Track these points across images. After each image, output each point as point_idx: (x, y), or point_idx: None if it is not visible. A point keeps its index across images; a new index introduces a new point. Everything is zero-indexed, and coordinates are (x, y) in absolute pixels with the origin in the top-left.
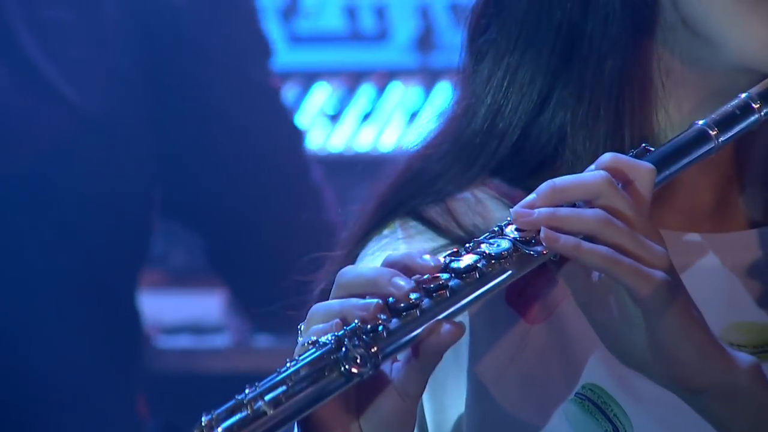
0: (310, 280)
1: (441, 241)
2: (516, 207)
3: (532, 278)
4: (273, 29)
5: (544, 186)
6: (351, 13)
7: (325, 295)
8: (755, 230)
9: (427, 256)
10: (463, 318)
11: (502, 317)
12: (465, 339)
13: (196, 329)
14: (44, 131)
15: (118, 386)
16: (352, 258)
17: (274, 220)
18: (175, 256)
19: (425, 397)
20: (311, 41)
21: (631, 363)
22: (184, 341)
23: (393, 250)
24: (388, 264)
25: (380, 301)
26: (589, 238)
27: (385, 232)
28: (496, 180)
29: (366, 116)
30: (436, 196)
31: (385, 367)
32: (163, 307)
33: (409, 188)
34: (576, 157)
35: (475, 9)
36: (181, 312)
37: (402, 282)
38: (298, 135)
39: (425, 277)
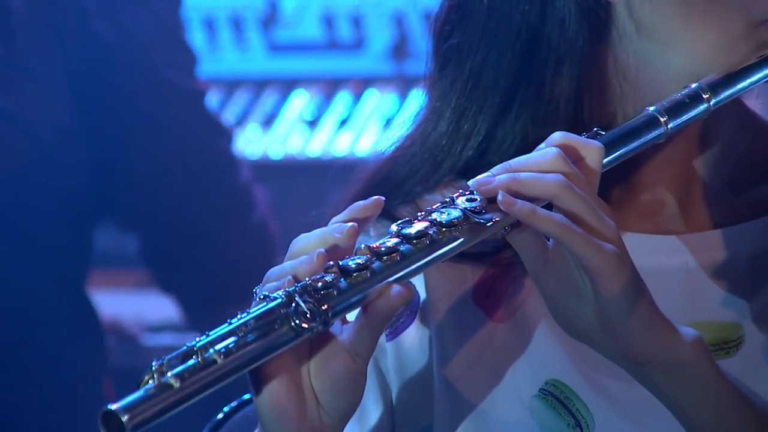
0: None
1: None
2: (472, 184)
3: (498, 278)
4: (253, 38)
5: (500, 165)
6: (328, 22)
7: None
8: (716, 231)
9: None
10: (431, 317)
11: (469, 316)
12: (434, 335)
13: (178, 327)
14: None
15: (81, 369)
16: None
17: (204, 220)
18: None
19: (393, 381)
20: (290, 49)
21: (577, 334)
22: (166, 339)
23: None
24: (336, 222)
25: (323, 251)
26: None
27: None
28: (463, 181)
29: (343, 122)
30: (406, 196)
31: (336, 328)
32: (146, 306)
33: (380, 189)
34: None
35: (438, 17)
36: (163, 311)
37: (346, 226)
38: (224, 137)
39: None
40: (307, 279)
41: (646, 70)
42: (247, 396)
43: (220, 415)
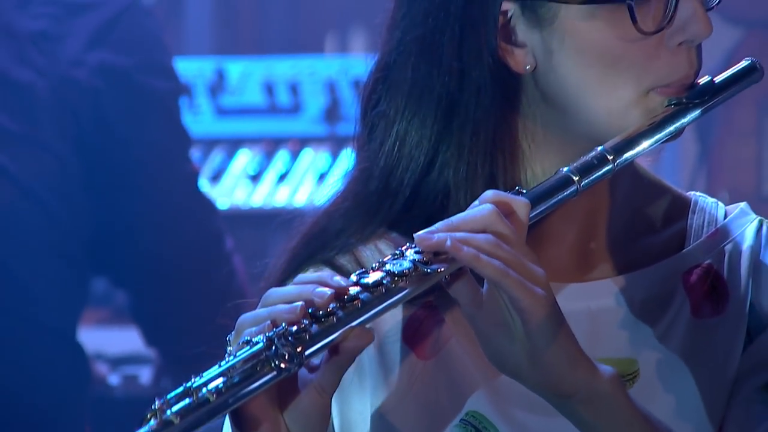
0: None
1: None
2: (416, 236)
3: (425, 320)
4: (202, 103)
5: (442, 223)
6: (269, 89)
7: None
8: (614, 278)
9: (338, 277)
10: (366, 352)
11: (398, 353)
12: (368, 369)
13: (136, 360)
14: None
15: (67, 418)
16: None
17: (187, 285)
18: (118, 296)
19: (334, 410)
20: (235, 113)
21: (508, 370)
22: (125, 370)
23: None
24: (305, 281)
25: (303, 304)
26: None
27: (300, 276)
28: (394, 233)
29: (282, 177)
30: (342, 248)
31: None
32: (107, 341)
33: (318, 241)
34: (459, 210)
35: (366, 86)
36: (122, 345)
37: (324, 290)
38: (213, 213)
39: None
40: (283, 324)
41: (551, 134)
42: None
43: None
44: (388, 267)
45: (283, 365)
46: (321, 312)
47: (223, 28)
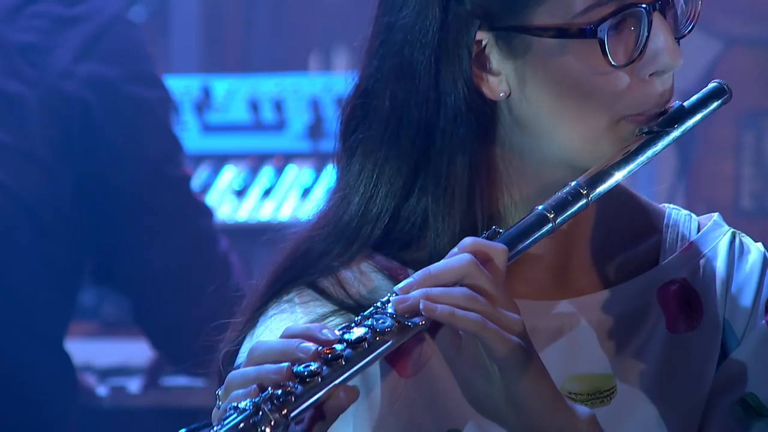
0: (218, 339)
1: (332, 307)
2: (396, 290)
3: (406, 340)
4: (189, 120)
5: (420, 273)
6: (254, 106)
7: (228, 357)
8: (591, 295)
9: (325, 330)
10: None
11: (380, 371)
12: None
13: (123, 371)
14: None
15: (55, 422)
16: (252, 323)
17: (187, 286)
18: (106, 309)
19: None
20: (221, 130)
21: (487, 413)
22: (113, 381)
23: (291, 314)
24: (291, 335)
25: (289, 365)
26: None
27: (285, 298)
28: (376, 255)
29: (267, 192)
30: (324, 270)
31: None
32: (95, 353)
33: (300, 264)
34: (437, 235)
35: (345, 111)
36: (110, 356)
37: (309, 346)
38: (207, 215)
39: (323, 348)
40: (269, 389)
41: (527, 159)
42: None
43: None
44: (370, 322)
45: (269, 430)
46: (306, 372)
47: (209, 46)
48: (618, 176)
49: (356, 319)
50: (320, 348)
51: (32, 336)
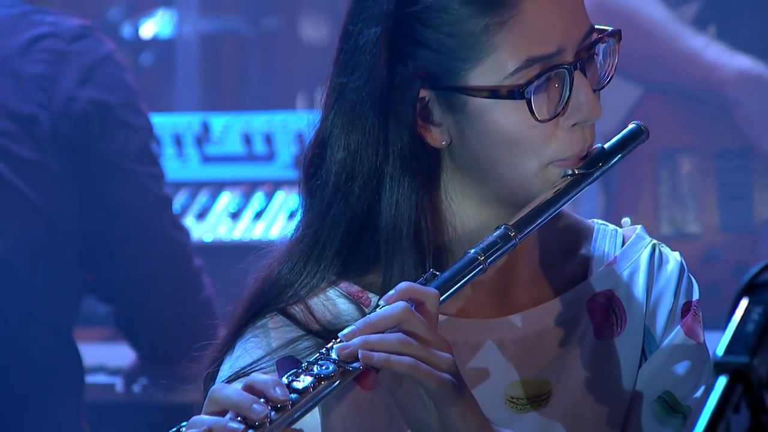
0: (196, 352)
1: (301, 332)
2: (341, 336)
3: None
4: (190, 151)
5: (361, 322)
6: (247, 139)
7: (209, 378)
8: (529, 310)
9: (278, 389)
10: None
11: (346, 386)
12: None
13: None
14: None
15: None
16: (230, 346)
17: (164, 296)
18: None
19: None
20: (218, 160)
21: None
22: (117, 380)
23: (265, 338)
24: (249, 387)
25: (242, 427)
26: None
27: (258, 323)
28: (341, 282)
29: (258, 214)
30: (293, 298)
31: None
32: (107, 355)
33: (271, 293)
34: (387, 269)
35: (305, 159)
36: (117, 359)
37: (259, 408)
38: (183, 232)
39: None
40: None
41: (469, 198)
42: None
43: None
44: (315, 370)
45: None
46: (258, 422)
47: (208, 87)
48: (545, 216)
49: (303, 365)
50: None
51: (44, 325)
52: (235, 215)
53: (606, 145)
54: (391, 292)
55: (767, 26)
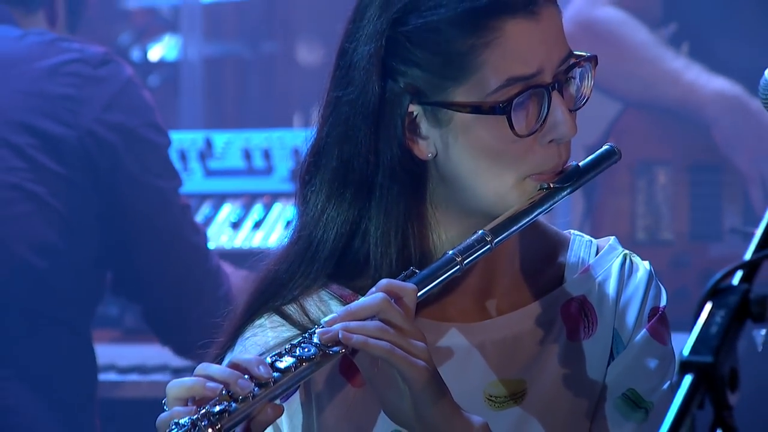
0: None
1: (296, 331)
2: (323, 323)
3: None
4: (194, 166)
5: (342, 310)
6: (247, 155)
7: (217, 359)
8: (507, 315)
9: (261, 367)
10: (312, 385)
11: (336, 383)
12: (314, 398)
13: (141, 370)
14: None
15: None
16: (231, 343)
17: (186, 292)
18: (127, 319)
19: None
20: (220, 174)
21: (399, 422)
22: (132, 377)
23: (263, 336)
24: (234, 365)
25: (221, 387)
26: None
27: (257, 323)
28: (332, 284)
29: (257, 224)
30: (288, 297)
31: None
32: (118, 355)
33: (268, 293)
34: (376, 270)
35: (301, 168)
36: (130, 358)
37: (244, 383)
38: (201, 235)
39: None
40: (206, 406)
41: (452, 208)
42: None
43: None
44: (298, 352)
45: None
46: (241, 396)
47: (211, 106)
48: (520, 224)
49: (286, 347)
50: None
51: (63, 324)
52: (236, 225)
53: (581, 163)
54: (373, 288)
55: (739, 48)
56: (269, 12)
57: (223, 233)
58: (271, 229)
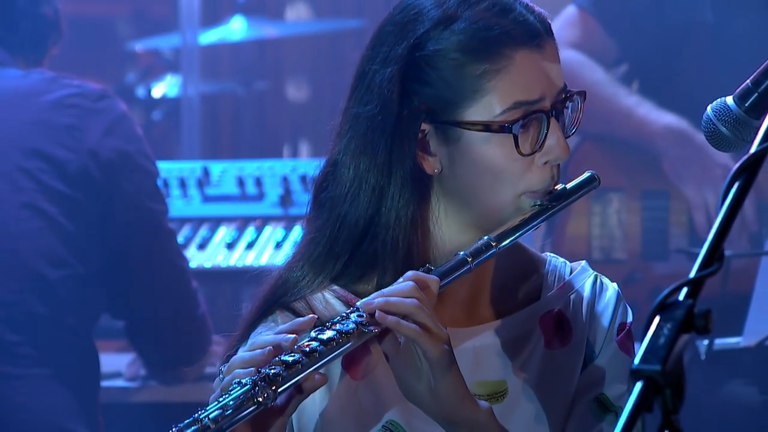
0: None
1: None
2: (359, 305)
3: (358, 351)
4: (193, 192)
5: (377, 293)
6: (241, 182)
7: (227, 360)
8: (493, 322)
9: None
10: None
11: (339, 376)
12: (319, 389)
13: (145, 376)
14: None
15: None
16: (246, 336)
17: (167, 313)
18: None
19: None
20: (216, 200)
21: (415, 401)
22: (133, 383)
23: (274, 331)
24: (282, 332)
25: (271, 349)
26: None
27: (269, 319)
28: (335, 286)
29: (250, 245)
30: (298, 296)
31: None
32: (121, 363)
33: (281, 290)
34: (383, 272)
35: (319, 175)
36: (131, 366)
37: (289, 337)
38: (185, 260)
39: (305, 342)
40: (262, 370)
41: (452, 220)
42: None
43: None
44: (338, 327)
45: (262, 400)
46: (291, 360)
47: (208, 139)
48: (518, 233)
49: (327, 324)
50: (302, 343)
51: (67, 328)
52: (231, 245)
53: (567, 186)
54: (400, 279)
55: (685, 87)
56: (261, 54)
57: (219, 253)
58: (263, 250)
